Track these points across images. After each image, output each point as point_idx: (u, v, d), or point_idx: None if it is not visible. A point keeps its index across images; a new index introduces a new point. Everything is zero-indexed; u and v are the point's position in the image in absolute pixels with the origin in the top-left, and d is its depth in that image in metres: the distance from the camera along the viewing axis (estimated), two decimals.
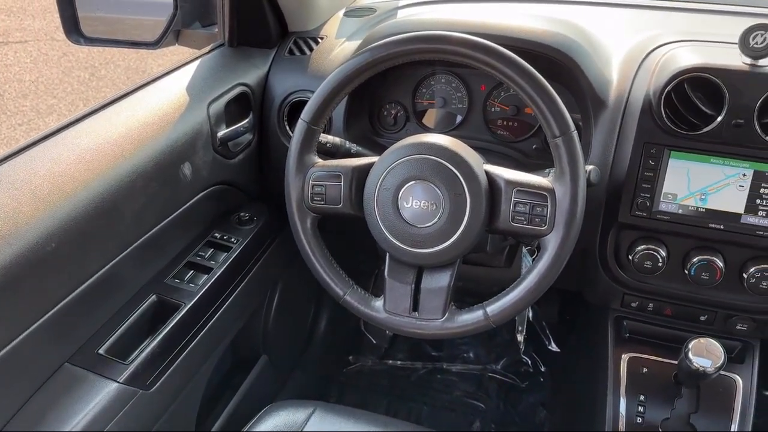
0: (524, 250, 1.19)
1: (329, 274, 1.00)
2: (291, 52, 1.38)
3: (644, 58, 1.12)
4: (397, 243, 0.94)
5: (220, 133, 1.24)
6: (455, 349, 2.10)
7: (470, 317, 0.94)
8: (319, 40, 1.40)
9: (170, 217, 1.15)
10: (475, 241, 0.92)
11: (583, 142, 1.12)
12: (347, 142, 1.13)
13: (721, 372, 1.04)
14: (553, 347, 2.04)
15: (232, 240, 1.29)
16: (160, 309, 1.13)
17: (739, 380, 1.14)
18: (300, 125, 0.98)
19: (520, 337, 1.38)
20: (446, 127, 1.31)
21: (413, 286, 0.96)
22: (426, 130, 1.30)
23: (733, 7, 1.36)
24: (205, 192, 1.24)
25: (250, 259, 1.31)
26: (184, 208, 1.19)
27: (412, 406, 1.92)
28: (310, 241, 1.00)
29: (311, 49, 1.37)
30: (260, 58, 1.37)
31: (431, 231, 0.92)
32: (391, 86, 1.32)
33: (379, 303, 0.99)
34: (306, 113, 0.97)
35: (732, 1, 1.40)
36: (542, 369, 2.01)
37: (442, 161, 0.90)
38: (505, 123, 1.28)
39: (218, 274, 1.21)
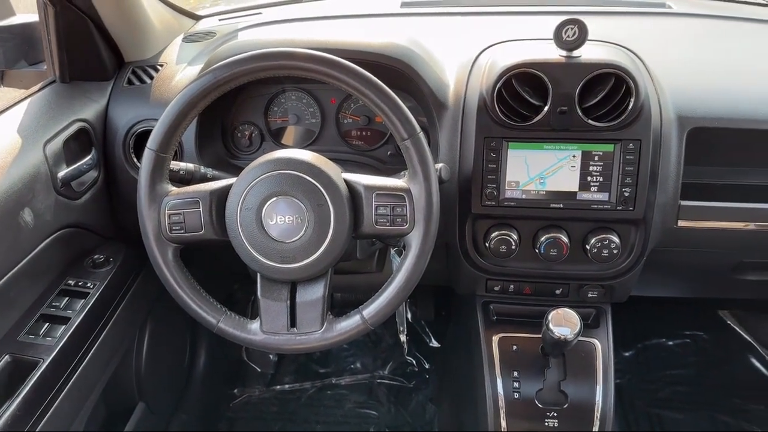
0: (392, 251, 1.22)
1: (199, 304, 0.97)
2: (130, 82, 1.33)
3: (474, 61, 1.21)
4: (267, 261, 0.93)
5: (61, 174, 1.16)
6: (342, 362, 2.11)
7: (348, 323, 0.96)
8: (159, 67, 1.36)
9: (15, 269, 1.06)
10: (344, 248, 0.94)
11: (431, 143, 1.19)
12: (202, 167, 1.11)
13: (581, 338, 1.13)
14: (434, 343, 2.12)
15: (89, 285, 1.21)
16: (15, 369, 1.04)
17: (598, 343, 1.25)
18: (148, 154, 0.94)
19: (403, 338, 1.42)
20: (303, 142, 1.32)
21: (288, 302, 0.96)
22: (283, 148, 1.31)
23: (548, 7, 1.50)
24: (52, 237, 1.16)
25: (111, 303, 1.24)
26: (30, 257, 1.10)
27: (305, 427, 1.90)
28: (174, 273, 0.97)
29: (151, 78, 1.33)
30: (97, 91, 1.31)
31: (299, 244, 0.92)
32: (241, 107, 1.31)
33: (255, 325, 0.98)
34: (152, 141, 0.94)
35: (546, 3, 1.55)
36: (427, 366, 2.07)
37: (301, 174, 0.92)
38: (359, 133, 1.31)
39: (77, 323, 1.13)
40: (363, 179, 0.95)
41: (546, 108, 1.08)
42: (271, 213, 0.92)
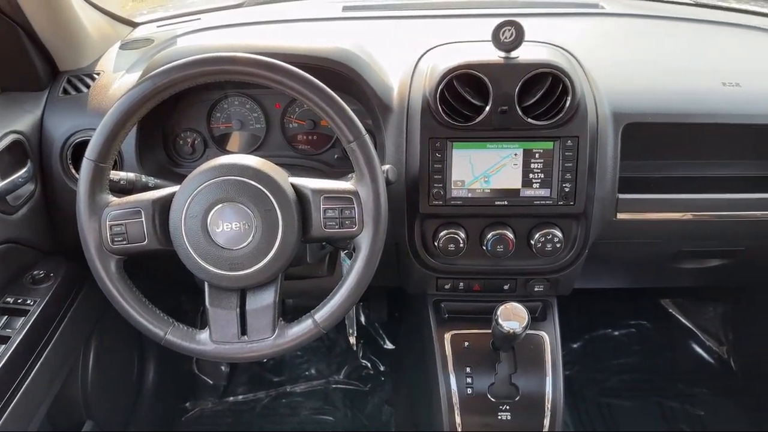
0: (342, 254, 1.22)
1: (145, 316, 0.95)
2: (65, 91, 1.29)
3: (416, 64, 1.22)
4: (214, 270, 0.92)
5: None
6: (296, 370, 2.10)
7: (300, 328, 0.95)
8: (95, 76, 1.32)
9: None
10: (293, 253, 0.94)
11: (378, 145, 1.20)
12: (143, 177, 1.09)
13: (529, 331, 1.16)
14: (388, 345, 2.13)
15: (29, 302, 1.17)
16: None
17: (546, 336, 1.28)
18: (86, 165, 0.92)
19: (352, 340, 1.42)
20: (248, 148, 1.31)
21: (238, 310, 0.95)
22: (228, 154, 1.29)
23: (485, 10, 1.54)
24: None
25: (53, 320, 1.19)
26: None
27: None
28: (117, 286, 0.94)
29: (88, 87, 1.29)
30: (30, 102, 1.26)
31: (247, 251, 0.91)
32: (182, 113, 1.29)
33: (204, 335, 0.96)
34: (90, 151, 0.91)
35: (483, 6, 1.58)
36: (381, 368, 2.08)
37: (247, 180, 0.91)
38: (304, 137, 1.31)
39: (17, 342, 1.08)
40: (310, 183, 0.94)
41: (487, 108, 1.10)
42: (217, 220, 0.91)
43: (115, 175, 1.02)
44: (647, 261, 1.43)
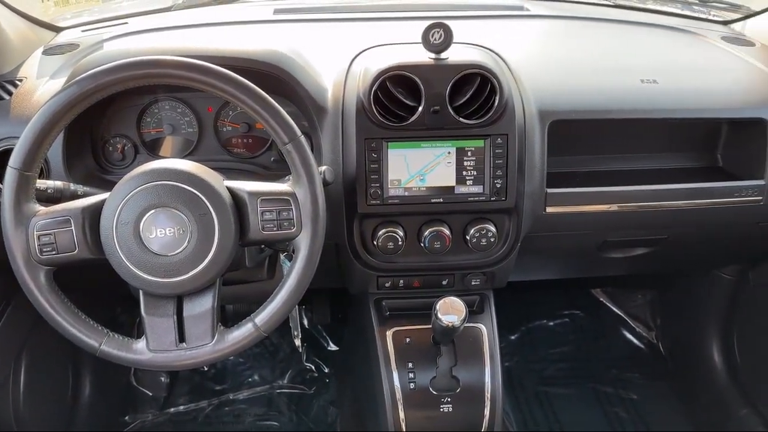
0: (282, 256, 1.22)
1: (78, 327, 0.92)
2: None
3: (349, 65, 1.24)
4: (149, 277, 0.90)
5: None
6: (238, 377, 2.07)
7: (240, 332, 0.95)
8: (18, 82, 1.27)
9: None
10: (231, 257, 0.93)
11: (314, 147, 1.20)
12: (72, 184, 1.05)
13: (467, 324, 1.19)
14: (332, 347, 2.14)
15: None
16: None
17: (483, 328, 1.32)
18: (10, 174, 0.88)
19: (297, 342, 1.41)
20: (181, 153, 1.29)
21: (175, 317, 0.93)
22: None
23: (415, 12, 1.57)
24: None
25: None
26: None
27: None
28: (48, 298, 0.91)
29: (9, 94, 1.24)
30: None
31: (183, 257, 0.90)
32: (112, 119, 1.26)
33: (141, 344, 0.94)
34: (14, 159, 0.88)
35: (413, 9, 1.61)
36: (326, 371, 2.08)
37: (180, 184, 0.89)
38: (239, 141, 1.30)
39: None
40: (246, 186, 0.94)
41: (420, 108, 1.13)
42: (150, 226, 0.89)
43: (42, 183, 0.99)
44: (576, 252, 1.49)
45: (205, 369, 2.07)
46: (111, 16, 1.61)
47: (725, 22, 1.68)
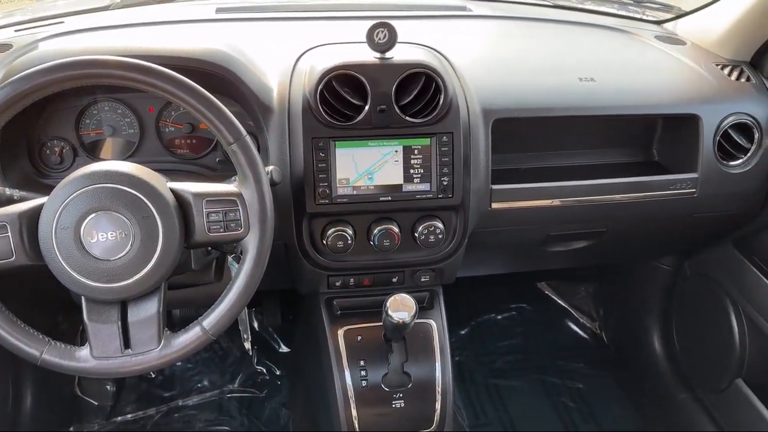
0: (230, 258, 1.21)
1: (17, 336, 0.89)
2: None
3: (295, 64, 1.23)
4: (91, 283, 0.88)
5: None
6: (187, 383, 2.03)
7: (188, 336, 0.93)
8: None
9: None
10: (176, 260, 0.91)
11: (261, 147, 1.19)
12: (7, 189, 1.02)
13: (418, 320, 1.21)
14: (284, 349, 2.12)
15: None
16: None
17: (434, 323, 1.33)
18: None
19: (247, 345, 1.40)
20: (123, 155, 1.26)
21: (120, 322, 0.91)
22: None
23: (359, 12, 1.57)
24: None
25: None
26: None
27: None
28: None
29: None
30: None
31: (126, 261, 0.88)
32: (49, 121, 1.22)
33: (84, 351, 0.92)
34: None
35: (357, 8, 1.62)
36: (278, 373, 2.06)
37: (121, 187, 0.87)
38: (183, 142, 1.28)
39: None
40: (191, 187, 0.93)
41: (366, 107, 1.13)
42: (91, 230, 0.87)
43: None
44: (521, 246, 1.53)
45: (153, 375, 2.03)
46: (45, 15, 1.55)
47: (658, 22, 1.75)
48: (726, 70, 1.45)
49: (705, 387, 1.76)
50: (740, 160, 1.38)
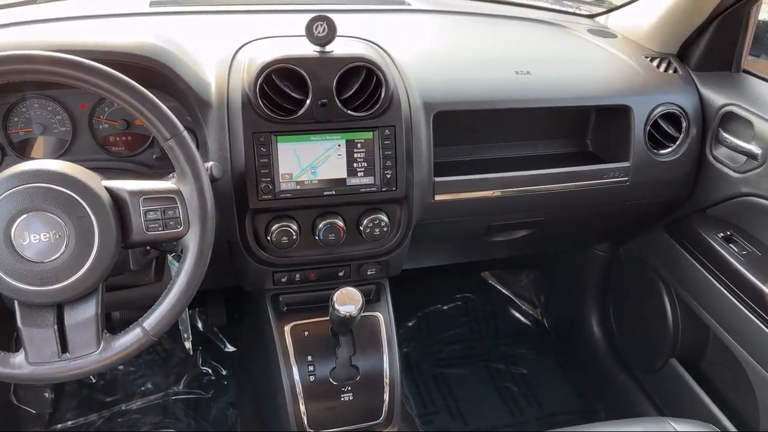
0: (170, 257, 1.18)
1: None
2: None
3: (233, 58, 1.21)
4: (24, 286, 0.85)
5: None
6: (130, 386, 1.98)
7: (129, 338, 0.91)
8: None
9: None
10: (113, 261, 0.89)
11: (200, 142, 1.17)
12: None
13: (365, 313, 1.21)
14: (230, 348, 2.09)
15: None
16: None
17: (380, 316, 1.34)
18: None
19: (188, 345, 1.37)
20: (55, 154, 1.22)
21: (56, 326, 0.88)
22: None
23: (298, 6, 1.56)
24: None
25: None
26: None
27: None
28: None
29: None
30: None
31: (61, 263, 0.85)
32: None
33: (19, 358, 0.88)
34: None
35: (296, 2, 1.60)
36: (224, 373, 2.03)
37: (54, 186, 0.84)
38: (118, 139, 1.24)
39: None
40: (127, 185, 0.90)
41: (308, 101, 1.13)
42: (23, 232, 0.83)
43: None
44: (464, 237, 1.56)
45: (93, 380, 1.96)
46: None
47: (591, 16, 1.81)
48: (655, 62, 1.51)
49: (641, 367, 1.84)
50: (669, 149, 1.44)
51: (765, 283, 1.31)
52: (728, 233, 1.46)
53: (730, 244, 1.43)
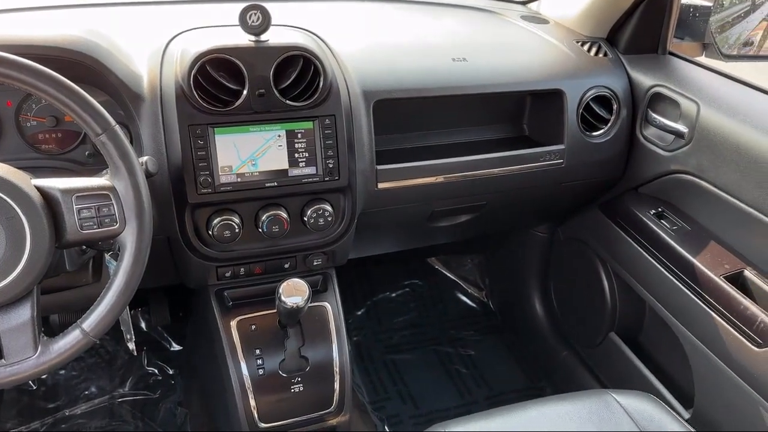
0: (107, 256, 1.15)
1: None
2: None
3: (165, 49, 1.18)
4: None
5: None
6: (73, 391, 1.92)
7: (67, 340, 0.89)
8: None
9: None
10: (47, 262, 0.86)
11: (133, 137, 1.14)
12: None
13: (312, 303, 1.21)
14: (175, 347, 2.05)
15: None
16: None
17: (328, 305, 1.34)
18: None
19: (131, 345, 1.34)
20: None
21: None
22: None
23: None
24: None
25: None
26: None
27: None
28: None
29: None
30: None
31: None
32: None
33: None
34: None
35: None
36: (171, 372, 1.99)
37: None
38: (47, 136, 1.19)
39: None
40: (58, 183, 0.87)
41: (245, 92, 1.11)
42: None
43: None
44: (409, 224, 1.57)
45: (34, 387, 1.89)
46: None
47: (523, 2, 1.85)
48: (585, 47, 1.56)
49: (583, 343, 1.91)
50: (601, 131, 1.49)
51: (695, 256, 1.38)
52: (659, 210, 1.53)
53: (662, 220, 1.50)
